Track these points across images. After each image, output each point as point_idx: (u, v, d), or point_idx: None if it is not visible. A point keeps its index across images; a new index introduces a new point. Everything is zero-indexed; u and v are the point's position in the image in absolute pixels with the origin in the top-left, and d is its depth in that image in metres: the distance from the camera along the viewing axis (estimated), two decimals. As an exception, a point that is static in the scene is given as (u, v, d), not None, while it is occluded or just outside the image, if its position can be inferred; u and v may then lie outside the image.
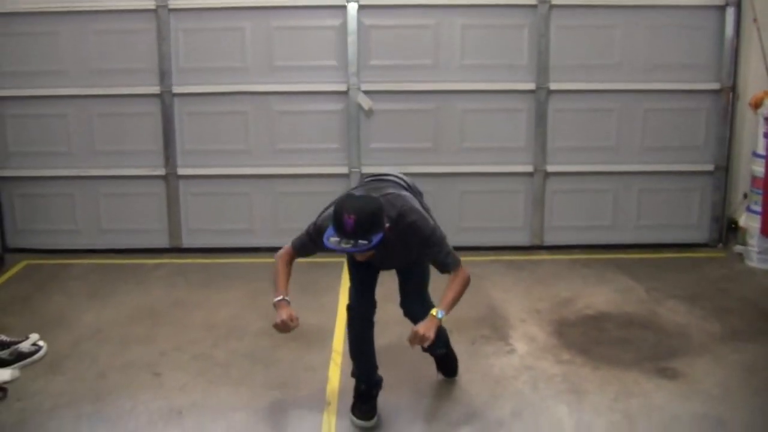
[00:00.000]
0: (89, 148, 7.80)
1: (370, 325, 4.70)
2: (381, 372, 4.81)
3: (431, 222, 4.45)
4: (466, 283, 4.51)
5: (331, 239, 4.10)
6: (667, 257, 7.71)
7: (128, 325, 6.10)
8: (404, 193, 4.57)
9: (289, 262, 4.66)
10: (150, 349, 5.64)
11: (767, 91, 7.27)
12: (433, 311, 4.32)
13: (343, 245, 4.05)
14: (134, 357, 5.52)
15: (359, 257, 4.32)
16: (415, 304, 4.72)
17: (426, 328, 4.24)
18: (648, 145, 7.83)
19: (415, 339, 4.23)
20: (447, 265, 4.46)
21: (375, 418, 4.67)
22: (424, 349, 4.82)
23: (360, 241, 4.03)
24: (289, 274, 4.63)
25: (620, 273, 7.21)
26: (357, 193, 4.40)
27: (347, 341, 4.80)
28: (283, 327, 4.36)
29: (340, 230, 4.06)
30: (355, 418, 4.67)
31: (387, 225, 4.17)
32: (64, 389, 5.04)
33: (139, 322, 6.18)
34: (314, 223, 4.51)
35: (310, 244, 4.55)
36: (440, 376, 5.16)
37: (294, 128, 7.69)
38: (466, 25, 7.57)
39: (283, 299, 4.46)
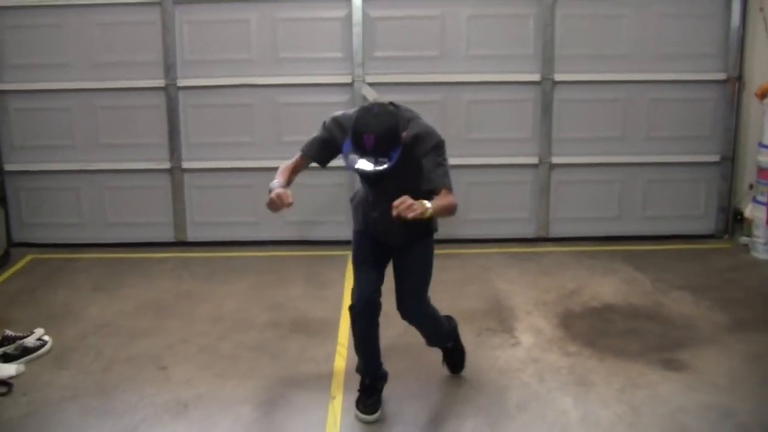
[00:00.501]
0: (94, 142, 7.80)
1: (374, 323, 4.65)
2: (386, 364, 4.80)
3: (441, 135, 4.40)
4: (451, 207, 4.31)
5: (351, 156, 4.06)
6: (673, 248, 7.69)
7: (134, 319, 6.10)
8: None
9: (296, 166, 4.63)
10: (156, 342, 5.64)
11: (773, 82, 7.26)
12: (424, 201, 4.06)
13: (366, 166, 4.01)
14: (140, 350, 5.52)
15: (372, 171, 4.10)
16: (413, 306, 4.63)
17: (412, 203, 3.94)
18: (654, 136, 7.81)
19: (400, 203, 3.91)
20: (440, 180, 4.29)
21: (378, 412, 4.66)
22: (431, 344, 4.89)
23: (380, 158, 4.01)
24: (291, 174, 4.59)
25: (626, 264, 7.20)
26: (374, 109, 4.20)
27: (353, 339, 4.76)
28: (277, 201, 4.37)
29: (360, 148, 4.02)
30: (358, 412, 4.66)
31: (404, 134, 4.15)
32: (70, 383, 5.04)
33: (145, 315, 6.18)
34: (332, 118, 4.44)
35: (323, 138, 4.48)
36: (446, 370, 5.14)
37: (299, 120, 7.67)
38: (471, 15, 7.56)
39: (279, 186, 4.42)
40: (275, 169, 7.62)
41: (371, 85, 7.58)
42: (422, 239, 4.61)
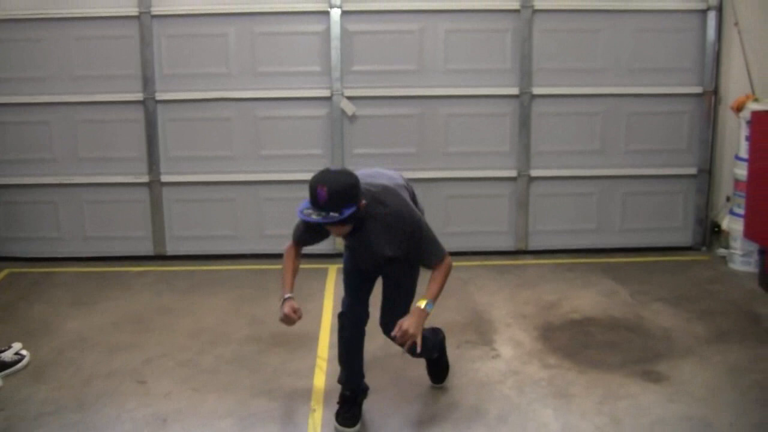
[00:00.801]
0: (72, 156, 7.76)
1: (360, 334, 4.71)
2: (368, 376, 4.82)
3: (418, 214, 4.43)
4: (448, 271, 4.48)
5: (305, 211, 4.12)
6: (651, 260, 7.73)
7: (113, 333, 6.07)
8: (397, 188, 4.50)
9: (295, 256, 4.72)
10: (135, 357, 5.62)
11: (749, 95, 7.32)
12: (420, 302, 4.32)
13: (314, 217, 4.07)
14: (119, 364, 5.49)
15: (334, 232, 4.30)
16: (391, 325, 4.54)
17: (411, 324, 4.26)
18: (632, 149, 7.86)
19: (401, 335, 4.24)
20: (433, 258, 4.43)
21: (357, 426, 4.68)
22: (414, 354, 4.66)
23: (331, 213, 4.04)
24: (295, 269, 4.69)
25: (605, 276, 7.23)
26: (333, 168, 4.32)
27: (337, 347, 4.80)
28: (287, 320, 4.47)
29: (314, 202, 4.08)
30: (337, 425, 4.67)
31: (363, 202, 4.18)
32: (49, 397, 5.01)
33: (124, 329, 6.15)
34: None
35: (302, 230, 4.61)
36: (427, 378, 5.14)
37: (278, 134, 7.68)
38: (449, 29, 7.59)
39: (287, 298, 4.52)
40: (254, 182, 7.72)
41: (349, 98, 7.59)
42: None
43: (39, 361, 5.50)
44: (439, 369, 5.16)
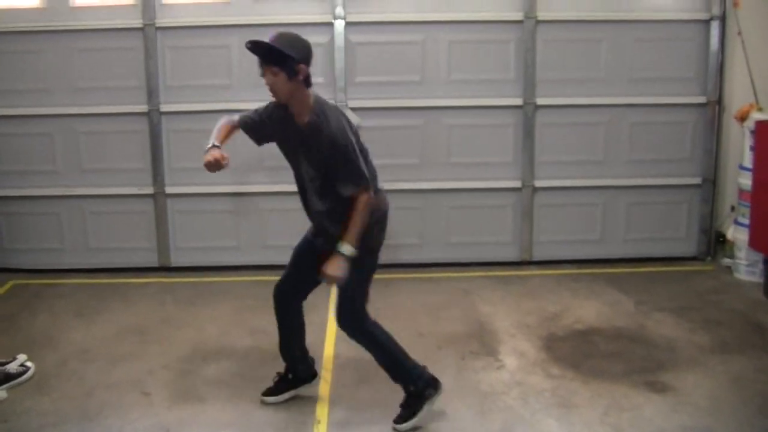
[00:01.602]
0: (76, 167, 7.78)
1: (280, 308, 5.05)
2: (370, 389, 4.83)
3: (350, 137, 4.57)
4: (365, 208, 4.54)
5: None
6: (655, 270, 7.71)
7: (116, 344, 6.07)
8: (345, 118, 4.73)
9: (230, 124, 4.95)
10: (138, 368, 5.61)
11: (753, 104, 7.32)
12: (340, 245, 4.51)
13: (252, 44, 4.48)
14: (122, 375, 5.49)
15: (267, 79, 4.59)
16: (341, 318, 4.79)
17: (329, 266, 4.51)
18: (635, 159, 7.85)
19: (327, 279, 4.57)
20: (349, 181, 4.53)
21: (275, 398, 5.07)
22: (390, 375, 4.87)
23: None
24: (228, 132, 4.91)
25: (609, 287, 7.22)
26: None
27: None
28: (214, 164, 4.60)
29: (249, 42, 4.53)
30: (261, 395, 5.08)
31: (305, 67, 4.57)
32: (52, 409, 5.01)
33: (127, 340, 6.15)
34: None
35: (253, 114, 4.89)
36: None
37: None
38: (452, 41, 7.60)
39: (213, 145, 4.73)
40: (257, 194, 7.71)
41: (353, 110, 7.58)
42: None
43: (42, 373, 5.50)
44: (407, 405, 4.81)
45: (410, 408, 4.78)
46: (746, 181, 7.22)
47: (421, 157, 7.76)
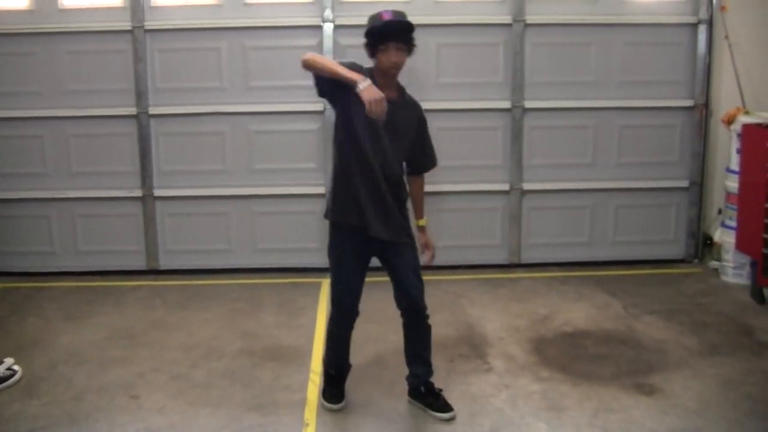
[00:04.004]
0: (65, 170, 7.76)
1: (353, 324, 4.94)
2: (360, 390, 4.84)
3: None
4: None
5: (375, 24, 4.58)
6: (644, 273, 7.74)
7: (105, 347, 6.06)
8: None
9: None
10: (127, 371, 5.60)
11: (739, 108, 7.36)
12: (422, 222, 5.11)
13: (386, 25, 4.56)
14: (111, 379, 5.48)
15: (396, 55, 4.62)
16: (420, 287, 4.87)
17: (430, 240, 5.08)
18: (623, 162, 7.88)
19: (431, 253, 5.05)
20: (432, 155, 5.01)
21: (344, 401, 4.97)
22: (416, 377, 5.00)
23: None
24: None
25: (598, 289, 7.24)
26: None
27: (327, 332, 5.03)
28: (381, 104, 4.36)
29: (379, 19, 4.59)
30: (325, 402, 4.98)
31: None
32: (40, 413, 4.99)
33: (116, 344, 6.14)
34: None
35: (351, 65, 4.57)
36: (438, 417, 4.92)
37: (271, 148, 7.69)
38: (441, 44, 7.61)
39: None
40: (247, 196, 7.71)
41: (343, 112, 7.60)
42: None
43: (31, 376, 5.48)
44: (441, 395, 5.01)
45: (442, 396, 5.02)
46: (733, 184, 7.26)
47: (410, 160, 7.77)
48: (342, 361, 5.08)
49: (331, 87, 4.56)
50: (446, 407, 4.92)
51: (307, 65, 4.50)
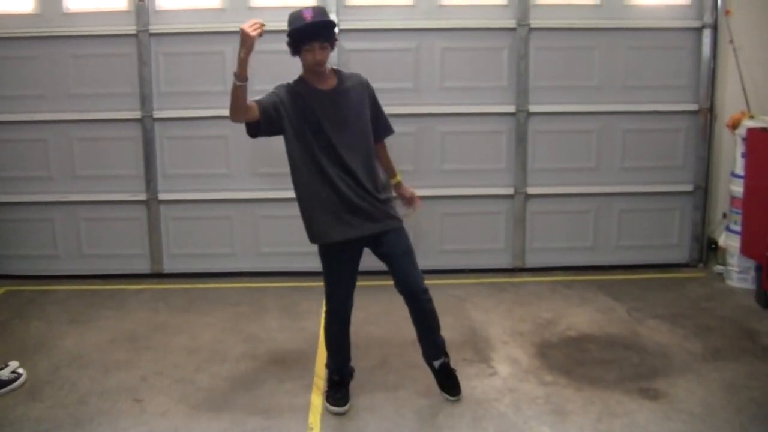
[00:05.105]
0: (69, 173, 7.77)
1: (348, 324, 5.02)
2: (363, 394, 4.82)
3: None
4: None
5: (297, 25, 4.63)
6: (648, 277, 7.73)
7: (109, 351, 6.06)
8: None
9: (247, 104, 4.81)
10: (131, 375, 5.60)
11: (744, 112, 7.34)
12: (397, 178, 5.19)
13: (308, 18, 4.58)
14: (115, 383, 5.48)
15: (318, 53, 4.65)
16: (415, 272, 4.91)
17: (412, 194, 5.23)
18: (628, 166, 7.87)
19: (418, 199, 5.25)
20: (387, 122, 5.11)
21: (348, 404, 5.01)
22: (429, 357, 5.16)
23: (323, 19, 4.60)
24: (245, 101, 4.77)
25: (602, 294, 7.23)
26: None
27: (325, 338, 5.09)
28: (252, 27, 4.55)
29: (301, 19, 4.61)
30: (330, 405, 4.98)
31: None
32: (44, 416, 4.99)
33: (120, 347, 6.14)
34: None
35: (272, 94, 4.83)
36: (444, 396, 5.16)
37: (274, 152, 7.66)
38: (445, 48, 7.61)
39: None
40: (251, 200, 7.72)
41: (347, 116, 7.60)
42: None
43: (35, 379, 5.49)
44: (452, 376, 5.20)
45: (453, 373, 5.22)
46: (738, 188, 7.25)
47: (413, 164, 7.76)
48: (343, 365, 5.12)
49: (265, 122, 4.80)
50: (452, 390, 5.13)
51: (231, 115, 4.83)
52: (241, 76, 4.56)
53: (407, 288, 4.89)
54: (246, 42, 4.49)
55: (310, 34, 4.60)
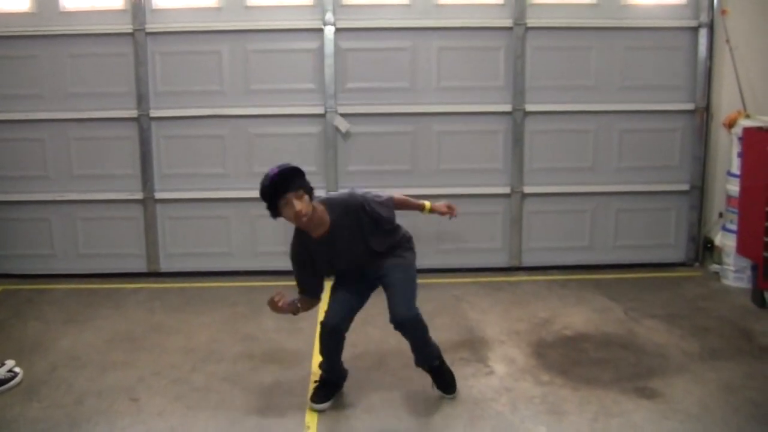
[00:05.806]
0: (66, 172, 7.77)
1: (339, 341, 5.04)
2: (361, 395, 4.84)
3: (352, 190, 5.08)
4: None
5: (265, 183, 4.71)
6: (644, 277, 7.74)
7: (106, 351, 6.05)
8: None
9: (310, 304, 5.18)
10: (128, 375, 5.60)
11: (740, 111, 7.36)
12: (427, 206, 5.48)
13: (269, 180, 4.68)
14: (112, 382, 5.47)
15: (298, 205, 4.64)
16: (403, 310, 4.88)
17: (442, 205, 5.49)
18: (624, 166, 7.88)
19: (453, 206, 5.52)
20: (391, 221, 5.10)
21: (329, 403, 5.08)
22: (419, 365, 5.15)
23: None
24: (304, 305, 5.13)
25: (598, 293, 7.24)
26: None
27: (319, 346, 5.11)
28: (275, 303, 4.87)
29: (267, 177, 4.71)
30: (310, 402, 5.06)
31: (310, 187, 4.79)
32: (41, 416, 4.99)
33: (117, 347, 6.13)
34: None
35: (298, 269, 5.06)
36: (437, 392, 5.20)
37: (272, 151, 7.68)
38: (442, 47, 7.62)
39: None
40: (248, 199, 7.73)
41: (343, 116, 7.61)
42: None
43: (32, 379, 5.48)
44: (445, 376, 5.22)
45: (447, 372, 5.23)
46: (734, 187, 7.26)
47: (410, 164, 7.77)
48: (334, 370, 5.18)
49: (319, 282, 5.15)
50: (448, 388, 5.19)
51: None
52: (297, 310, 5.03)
53: (392, 318, 4.91)
54: (279, 311, 4.95)
55: (280, 186, 4.67)
